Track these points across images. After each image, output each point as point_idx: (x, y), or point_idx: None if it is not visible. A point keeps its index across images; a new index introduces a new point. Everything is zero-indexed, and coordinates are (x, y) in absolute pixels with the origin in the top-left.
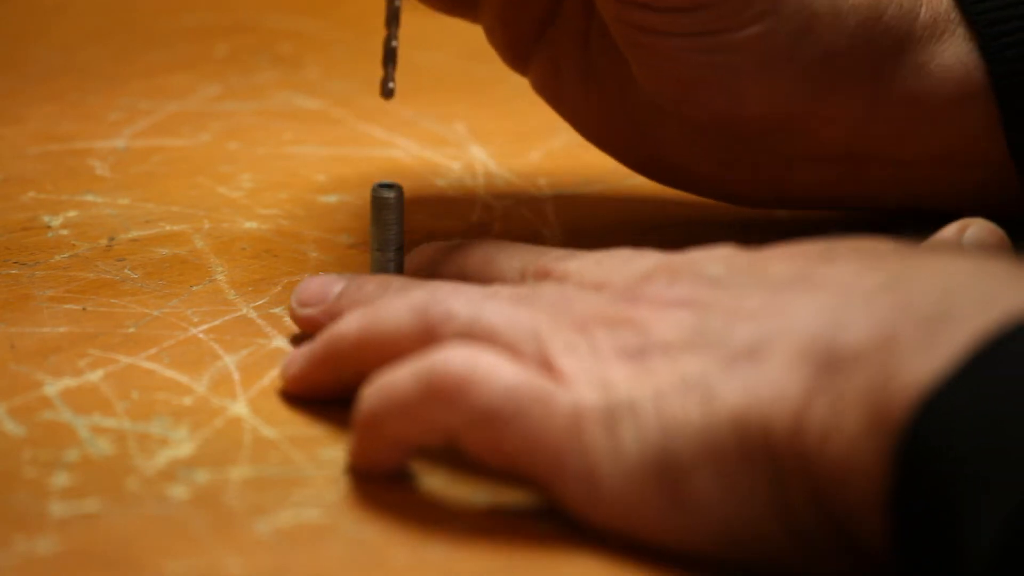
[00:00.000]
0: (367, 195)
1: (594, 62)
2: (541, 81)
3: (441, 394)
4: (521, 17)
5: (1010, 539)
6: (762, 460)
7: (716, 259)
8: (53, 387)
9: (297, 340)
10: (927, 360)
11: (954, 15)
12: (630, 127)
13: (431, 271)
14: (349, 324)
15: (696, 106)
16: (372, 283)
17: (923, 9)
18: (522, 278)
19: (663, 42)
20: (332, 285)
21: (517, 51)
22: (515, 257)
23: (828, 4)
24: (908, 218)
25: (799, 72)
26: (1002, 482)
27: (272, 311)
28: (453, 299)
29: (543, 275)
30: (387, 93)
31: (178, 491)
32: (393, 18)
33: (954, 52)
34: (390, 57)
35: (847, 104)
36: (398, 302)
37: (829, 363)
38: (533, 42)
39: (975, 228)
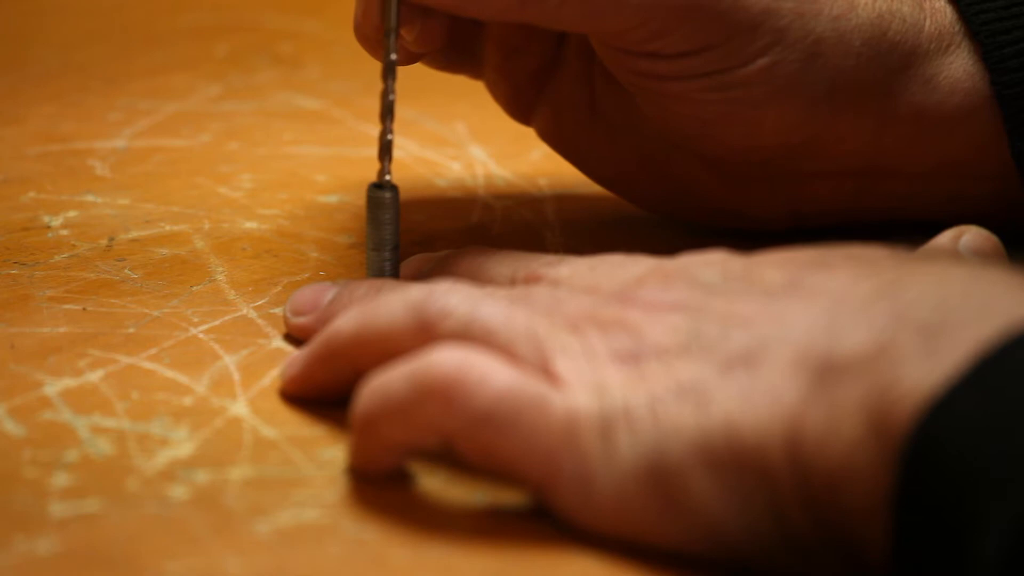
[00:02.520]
0: None
1: (599, 103)
2: (547, 129)
3: (435, 397)
4: (522, 68)
5: (1021, 544)
6: (756, 467)
7: (710, 264)
8: (53, 387)
9: (297, 341)
10: (928, 368)
11: (958, 27)
12: (641, 164)
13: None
14: (346, 322)
15: (712, 142)
16: (363, 287)
17: (927, 22)
18: (512, 285)
19: (674, 86)
20: (324, 292)
21: (520, 102)
22: (504, 264)
23: (832, 27)
24: (906, 226)
25: (811, 97)
26: (1015, 488)
27: (272, 311)
28: (450, 296)
29: (534, 281)
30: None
31: (178, 491)
32: (388, 112)
33: (961, 64)
34: (386, 150)
35: (859, 122)
36: (394, 299)
37: (826, 371)
38: (536, 92)
39: (970, 235)
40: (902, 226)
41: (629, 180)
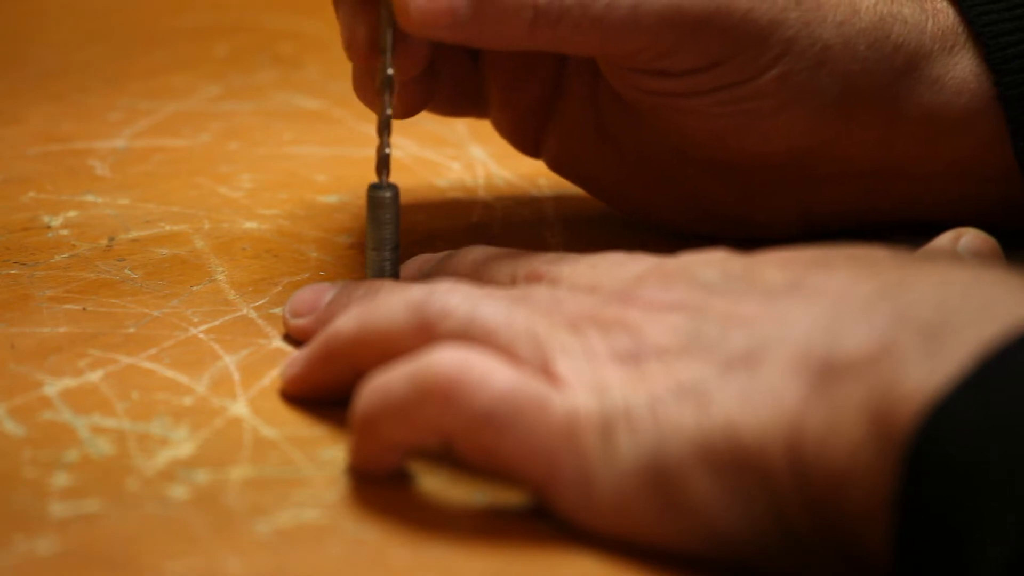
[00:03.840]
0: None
1: (606, 124)
2: (556, 158)
3: (435, 397)
4: (525, 99)
5: (1022, 546)
6: (756, 467)
7: (710, 264)
8: (53, 387)
9: (297, 341)
10: (930, 369)
11: (961, 28)
12: (653, 180)
13: (422, 282)
14: (346, 322)
15: (725, 151)
16: (362, 287)
17: (930, 23)
18: (513, 283)
19: (686, 102)
20: (323, 293)
21: (527, 135)
22: (505, 263)
23: (836, 33)
24: (907, 228)
25: (821, 104)
26: (1016, 490)
27: (272, 311)
28: (450, 296)
29: (535, 279)
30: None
31: (178, 491)
32: (385, 127)
33: (967, 64)
34: (384, 164)
35: (869, 125)
36: (394, 299)
37: (827, 372)
38: (541, 122)
39: (969, 236)
40: (904, 228)
41: (643, 199)
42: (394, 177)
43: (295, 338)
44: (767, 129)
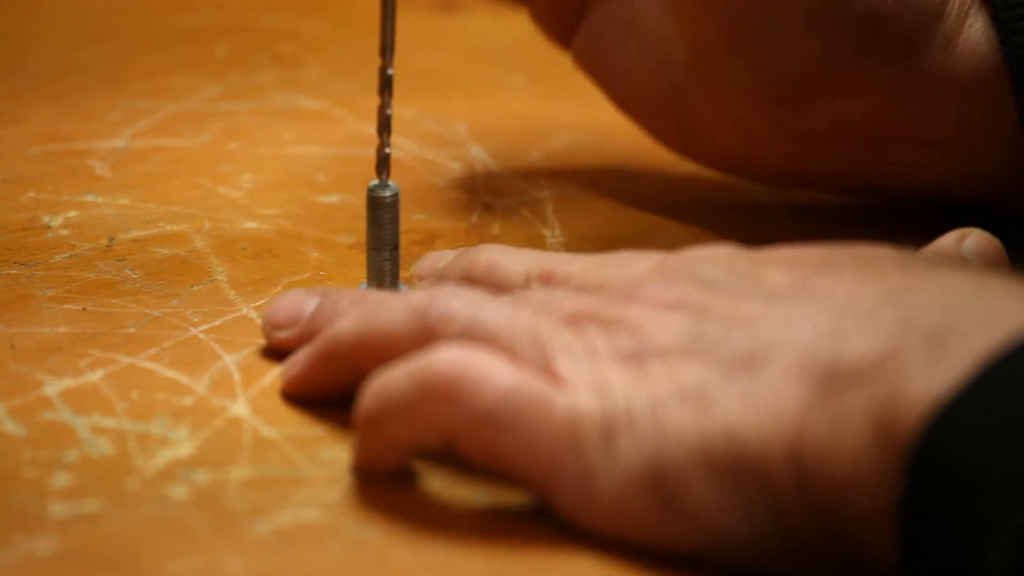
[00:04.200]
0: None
1: (638, 18)
2: (583, 49)
3: (437, 395)
4: None
5: None
6: (757, 473)
7: (714, 261)
8: (53, 387)
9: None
10: (934, 376)
11: None
12: (663, 90)
13: (436, 279)
14: (347, 325)
15: (745, 63)
16: (347, 298)
17: None
18: (527, 282)
19: None
20: (305, 304)
21: (563, 21)
22: (519, 262)
23: None
24: (910, 229)
25: (845, 32)
26: (1019, 495)
27: None
28: (452, 300)
29: (547, 278)
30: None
31: (178, 491)
32: (385, 127)
33: (980, 27)
34: (384, 163)
35: (881, 72)
36: (396, 303)
37: (830, 378)
38: (578, 10)
39: (973, 237)
40: (905, 224)
41: (649, 105)
42: (394, 177)
43: (279, 350)
44: (789, 44)
